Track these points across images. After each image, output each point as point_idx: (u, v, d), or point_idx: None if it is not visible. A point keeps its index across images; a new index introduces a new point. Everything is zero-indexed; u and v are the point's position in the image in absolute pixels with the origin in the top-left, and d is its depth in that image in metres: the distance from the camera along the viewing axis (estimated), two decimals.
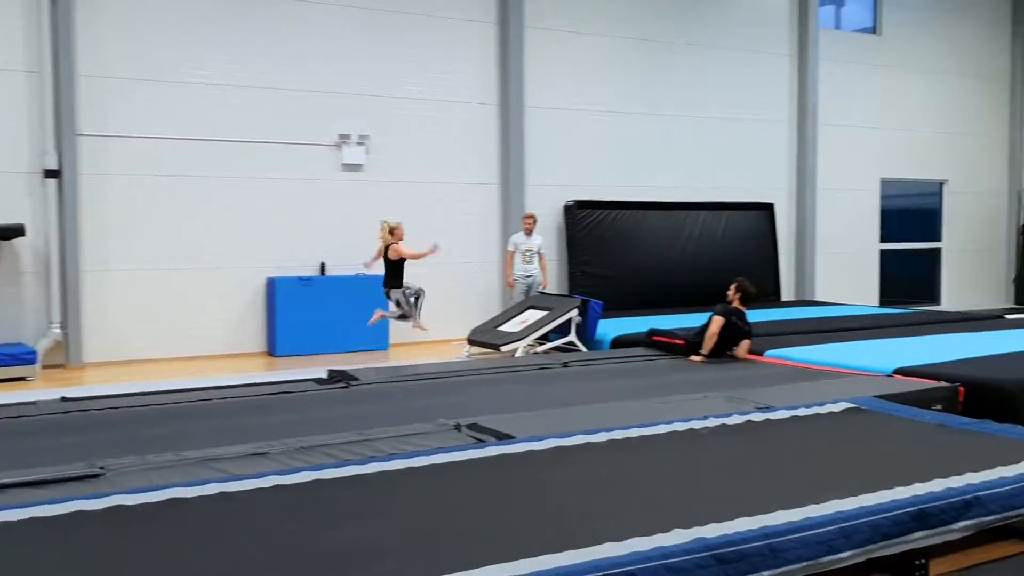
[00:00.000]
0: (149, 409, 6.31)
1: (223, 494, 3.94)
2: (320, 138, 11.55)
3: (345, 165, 11.70)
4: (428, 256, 9.98)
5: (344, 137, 11.62)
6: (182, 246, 10.87)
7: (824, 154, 15.43)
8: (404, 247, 9.92)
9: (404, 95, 12.03)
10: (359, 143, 11.69)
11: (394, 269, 9.97)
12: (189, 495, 3.90)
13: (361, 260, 10.87)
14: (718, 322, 8.47)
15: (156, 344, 10.70)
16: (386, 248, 9.95)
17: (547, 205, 12.90)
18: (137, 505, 3.77)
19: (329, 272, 11.52)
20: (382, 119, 11.88)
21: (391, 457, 4.59)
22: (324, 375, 7.78)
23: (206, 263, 11.00)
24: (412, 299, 10.09)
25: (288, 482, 4.12)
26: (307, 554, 3.27)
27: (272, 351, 11.10)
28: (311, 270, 11.48)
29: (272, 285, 11.11)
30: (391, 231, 9.95)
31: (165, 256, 10.79)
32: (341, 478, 4.21)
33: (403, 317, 10.18)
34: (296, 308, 11.00)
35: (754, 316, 9.30)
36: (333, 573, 3.08)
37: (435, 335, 11.91)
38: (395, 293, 10.02)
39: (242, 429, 5.50)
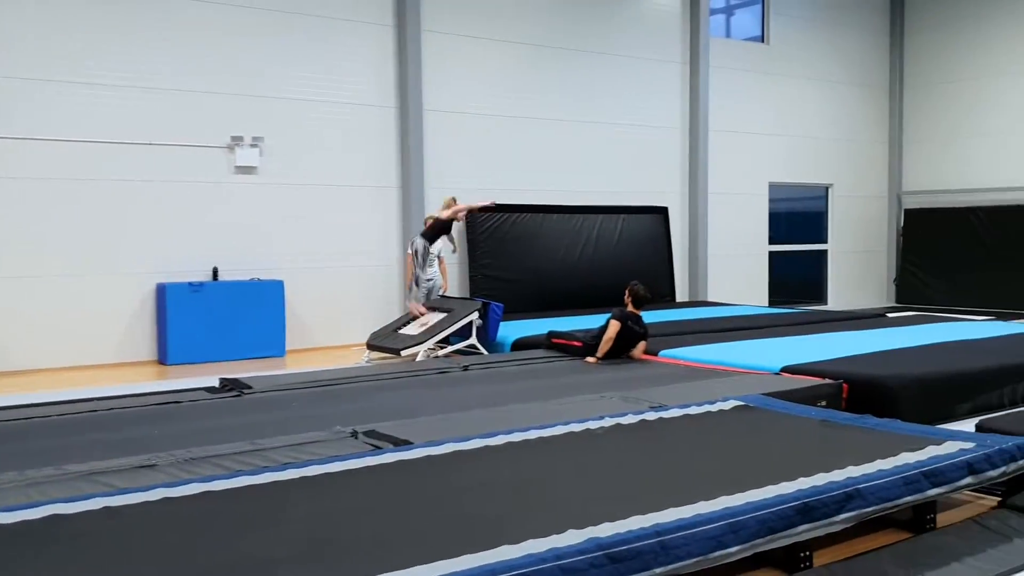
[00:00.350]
0: (30, 422, 6.05)
1: (108, 509, 3.80)
2: (212, 140, 11.26)
3: (238, 168, 11.43)
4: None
5: (237, 139, 11.35)
6: (66, 252, 10.43)
7: (715, 159, 15.86)
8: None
9: (300, 97, 11.83)
10: (252, 145, 11.43)
11: None
12: (71, 511, 3.75)
13: (256, 265, 10.68)
14: (615, 327, 8.62)
15: (39, 354, 10.24)
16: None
17: None
18: (14, 523, 3.60)
19: (222, 277, 11.23)
20: (277, 121, 11.65)
21: (285, 467, 4.51)
22: (216, 383, 7.60)
23: (92, 269, 10.58)
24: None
25: (177, 495, 4.00)
26: (197, 569, 3.19)
27: (163, 359, 10.76)
28: (203, 275, 11.17)
29: (162, 291, 10.77)
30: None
31: (48, 262, 10.33)
32: (232, 489, 4.12)
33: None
34: (187, 315, 10.67)
35: (649, 317, 9.52)
36: None
37: (334, 340, 11.81)
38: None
39: (129, 441, 5.32)
